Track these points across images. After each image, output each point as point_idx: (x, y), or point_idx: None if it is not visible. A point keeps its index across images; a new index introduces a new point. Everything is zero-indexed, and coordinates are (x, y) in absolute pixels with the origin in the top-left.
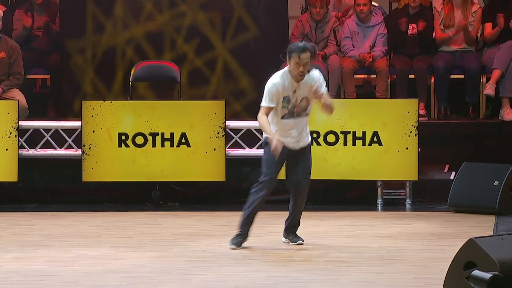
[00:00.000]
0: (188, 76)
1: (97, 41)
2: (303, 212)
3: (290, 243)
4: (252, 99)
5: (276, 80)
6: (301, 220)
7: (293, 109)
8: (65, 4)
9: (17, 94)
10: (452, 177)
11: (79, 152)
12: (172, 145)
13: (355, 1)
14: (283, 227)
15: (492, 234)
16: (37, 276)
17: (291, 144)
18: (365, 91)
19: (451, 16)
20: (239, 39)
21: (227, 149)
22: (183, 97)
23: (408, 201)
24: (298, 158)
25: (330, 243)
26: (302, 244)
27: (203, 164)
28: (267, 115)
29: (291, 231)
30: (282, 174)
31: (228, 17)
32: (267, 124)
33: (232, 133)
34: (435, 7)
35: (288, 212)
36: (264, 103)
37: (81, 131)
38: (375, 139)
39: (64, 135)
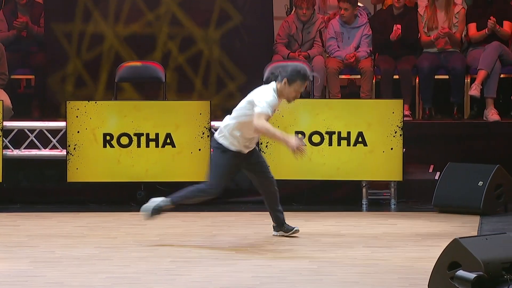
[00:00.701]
0: (173, 75)
1: (83, 30)
2: (288, 213)
3: (286, 233)
4: (238, 99)
5: (275, 95)
6: (287, 221)
7: None
8: None
9: (2, 94)
10: (436, 177)
11: (64, 152)
12: (157, 146)
13: (338, 4)
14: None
15: (476, 234)
16: (21, 277)
17: (246, 149)
18: (350, 92)
19: (434, 18)
20: (223, 29)
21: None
22: (169, 95)
23: (393, 202)
24: (253, 158)
25: (315, 243)
26: (298, 231)
27: (188, 164)
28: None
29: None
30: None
31: (210, 11)
32: (274, 127)
33: None
34: (418, 11)
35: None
36: (268, 110)
37: (65, 131)
38: (360, 139)
39: (49, 135)
